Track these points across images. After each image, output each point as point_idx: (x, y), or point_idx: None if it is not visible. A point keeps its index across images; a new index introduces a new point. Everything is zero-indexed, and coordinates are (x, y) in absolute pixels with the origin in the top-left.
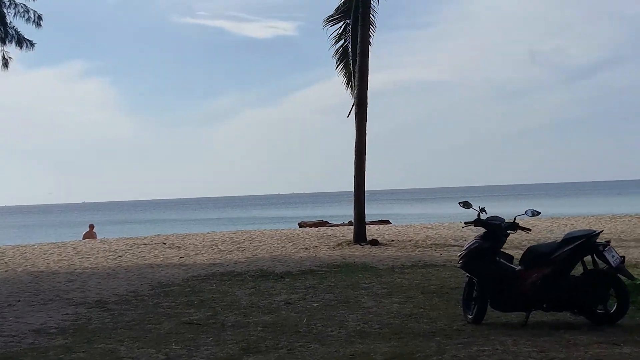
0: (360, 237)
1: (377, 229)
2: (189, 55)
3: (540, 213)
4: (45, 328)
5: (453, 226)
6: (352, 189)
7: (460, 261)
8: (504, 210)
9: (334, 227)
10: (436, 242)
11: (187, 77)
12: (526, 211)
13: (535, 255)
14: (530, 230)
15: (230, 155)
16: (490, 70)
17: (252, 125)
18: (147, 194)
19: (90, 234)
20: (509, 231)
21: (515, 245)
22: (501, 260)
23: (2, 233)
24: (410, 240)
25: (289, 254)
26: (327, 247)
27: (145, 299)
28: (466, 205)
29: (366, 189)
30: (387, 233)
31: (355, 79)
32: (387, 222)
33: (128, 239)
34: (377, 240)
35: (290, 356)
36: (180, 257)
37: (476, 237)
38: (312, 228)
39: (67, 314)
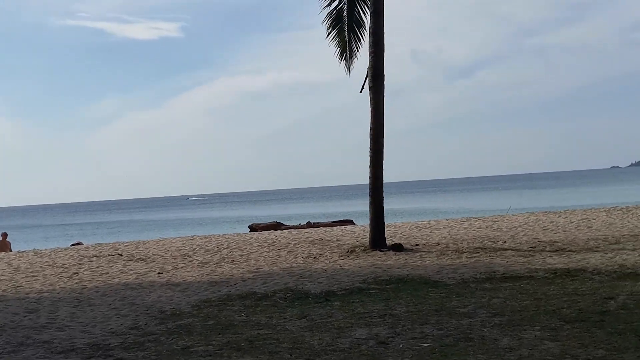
0: (378, 241)
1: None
2: (69, 58)
3: None
4: None
5: (448, 225)
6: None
7: None
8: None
9: (304, 230)
10: (472, 244)
11: (68, 80)
12: None
13: None
14: None
15: (115, 158)
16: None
17: (137, 128)
18: (27, 200)
19: (4, 244)
20: None
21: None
22: None
23: None
24: (438, 244)
25: (301, 265)
26: (337, 255)
27: (161, 339)
28: None
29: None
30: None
31: (370, 43)
32: (350, 222)
33: (67, 249)
34: (401, 245)
35: None
36: (159, 274)
37: None
38: (280, 231)
39: None
